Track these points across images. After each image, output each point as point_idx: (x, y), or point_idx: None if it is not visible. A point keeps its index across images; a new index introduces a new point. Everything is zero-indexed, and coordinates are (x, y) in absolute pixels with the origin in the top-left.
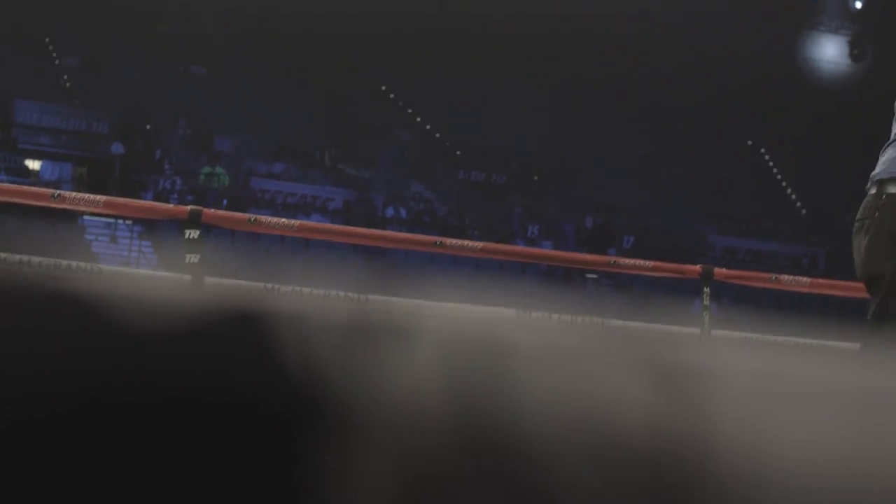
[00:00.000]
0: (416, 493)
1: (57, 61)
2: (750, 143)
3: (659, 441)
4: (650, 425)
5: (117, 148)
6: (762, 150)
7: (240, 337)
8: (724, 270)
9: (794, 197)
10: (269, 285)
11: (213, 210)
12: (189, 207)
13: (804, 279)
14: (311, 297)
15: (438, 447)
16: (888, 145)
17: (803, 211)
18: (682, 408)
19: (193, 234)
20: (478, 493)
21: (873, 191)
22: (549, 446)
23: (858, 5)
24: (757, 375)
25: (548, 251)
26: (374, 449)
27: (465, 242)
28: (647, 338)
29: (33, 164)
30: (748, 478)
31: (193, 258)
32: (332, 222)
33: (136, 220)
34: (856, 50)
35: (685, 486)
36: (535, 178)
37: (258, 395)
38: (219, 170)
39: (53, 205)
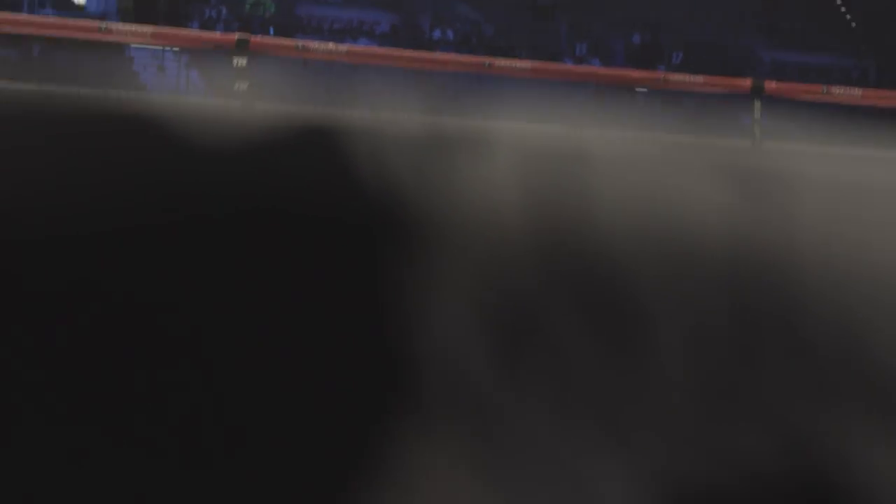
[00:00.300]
0: (494, 303)
1: None
2: None
3: (729, 245)
4: (719, 229)
5: None
6: None
7: (311, 151)
8: (773, 84)
9: (843, 9)
10: (322, 111)
11: (260, 37)
12: (236, 35)
13: (856, 91)
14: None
15: (516, 256)
16: None
17: (853, 23)
18: (747, 212)
19: (241, 62)
20: (555, 300)
21: None
22: (622, 252)
23: None
24: (818, 182)
25: (597, 69)
26: (454, 259)
27: (515, 62)
28: (700, 149)
29: None
30: (816, 277)
31: (242, 86)
32: (380, 46)
33: (184, 50)
34: None
35: (758, 288)
36: None
37: (334, 208)
38: None
39: (101, 37)
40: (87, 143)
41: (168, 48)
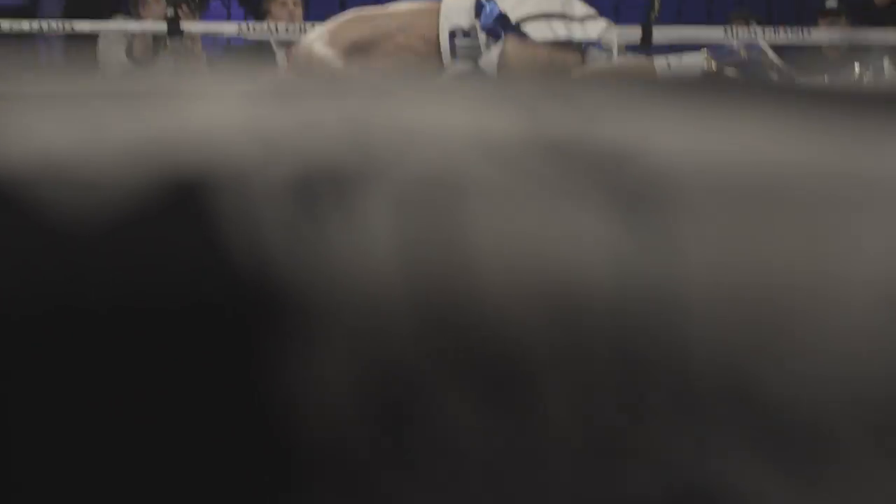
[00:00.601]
0: (375, 381)
1: None
2: None
3: (624, 289)
4: (605, 266)
5: None
6: None
7: (168, 217)
8: None
9: None
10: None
11: None
12: None
13: None
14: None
15: (394, 329)
16: None
17: None
18: (636, 243)
19: None
20: (439, 370)
21: None
22: (505, 307)
23: None
24: (738, 174)
25: None
26: (330, 340)
27: None
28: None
29: None
30: (729, 327)
31: None
32: None
33: None
34: None
35: (645, 332)
36: None
37: (196, 288)
38: None
39: None
40: None
41: None
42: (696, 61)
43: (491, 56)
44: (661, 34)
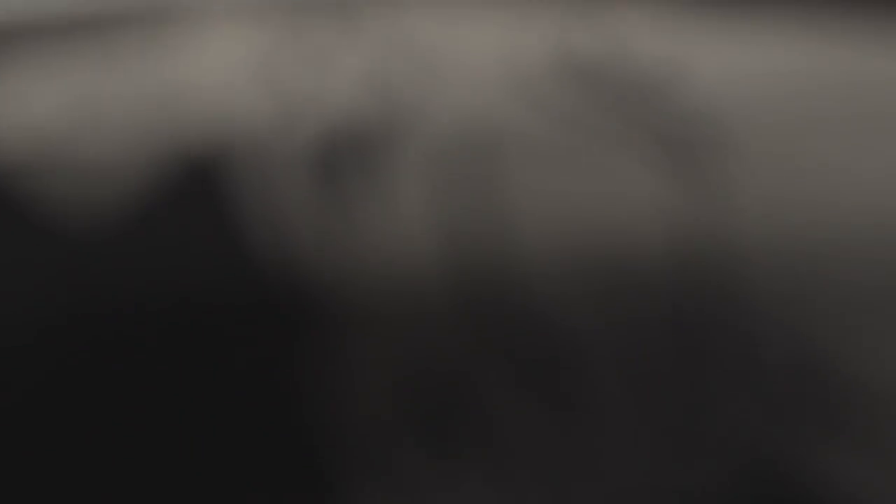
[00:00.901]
0: (415, 376)
1: None
2: None
3: (676, 250)
4: (664, 231)
5: None
6: None
7: (181, 201)
8: None
9: None
10: None
11: None
12: None
13: None
14: None
15: (434, 319)
16: None
17: None
18: (684, 198)
19: None
20: (482, 358)
21: None
22: (548, 285)
23: None
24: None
25: None
26: (365, 335)
27: None
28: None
29: None
30: (764, 274)
31: None
32: None
33: None
34: None
35: (701, 300)
36: None
37: (217, 288)
38: None
39: None
40: None
41: None
42: None
43: None
44: None
